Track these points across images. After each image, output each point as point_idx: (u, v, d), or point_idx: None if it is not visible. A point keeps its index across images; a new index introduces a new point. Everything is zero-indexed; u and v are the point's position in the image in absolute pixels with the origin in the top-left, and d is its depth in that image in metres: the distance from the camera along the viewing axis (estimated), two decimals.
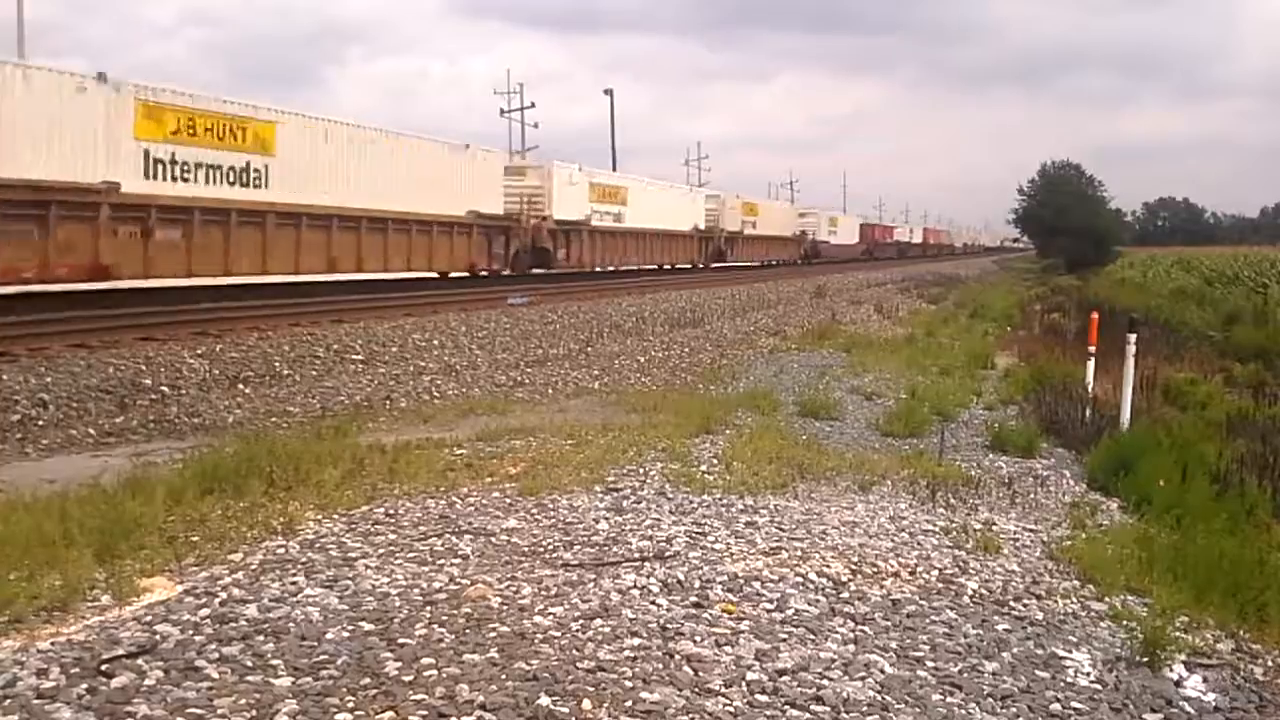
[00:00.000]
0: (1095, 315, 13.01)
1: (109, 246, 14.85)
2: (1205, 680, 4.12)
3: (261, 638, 3.75)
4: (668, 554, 4.97)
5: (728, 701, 3.40)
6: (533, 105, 51.89)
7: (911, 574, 4.97)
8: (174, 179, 15.85)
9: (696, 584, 4.54)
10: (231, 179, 16.79)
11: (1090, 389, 11.52)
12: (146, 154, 15.43)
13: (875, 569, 4.99)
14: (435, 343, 15.45)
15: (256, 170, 17.27)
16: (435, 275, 23.48)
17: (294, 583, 4.38)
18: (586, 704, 3.30)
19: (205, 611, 4.00)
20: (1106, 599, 4.92)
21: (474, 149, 25.04)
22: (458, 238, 23.74)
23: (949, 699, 3.60)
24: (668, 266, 38.67)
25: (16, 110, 13.31)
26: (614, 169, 41.71)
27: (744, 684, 3.54)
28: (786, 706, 3.41)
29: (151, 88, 15.81)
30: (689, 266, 40.65)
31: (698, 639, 3.91)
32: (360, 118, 20.77)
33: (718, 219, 43.65)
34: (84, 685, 3.31)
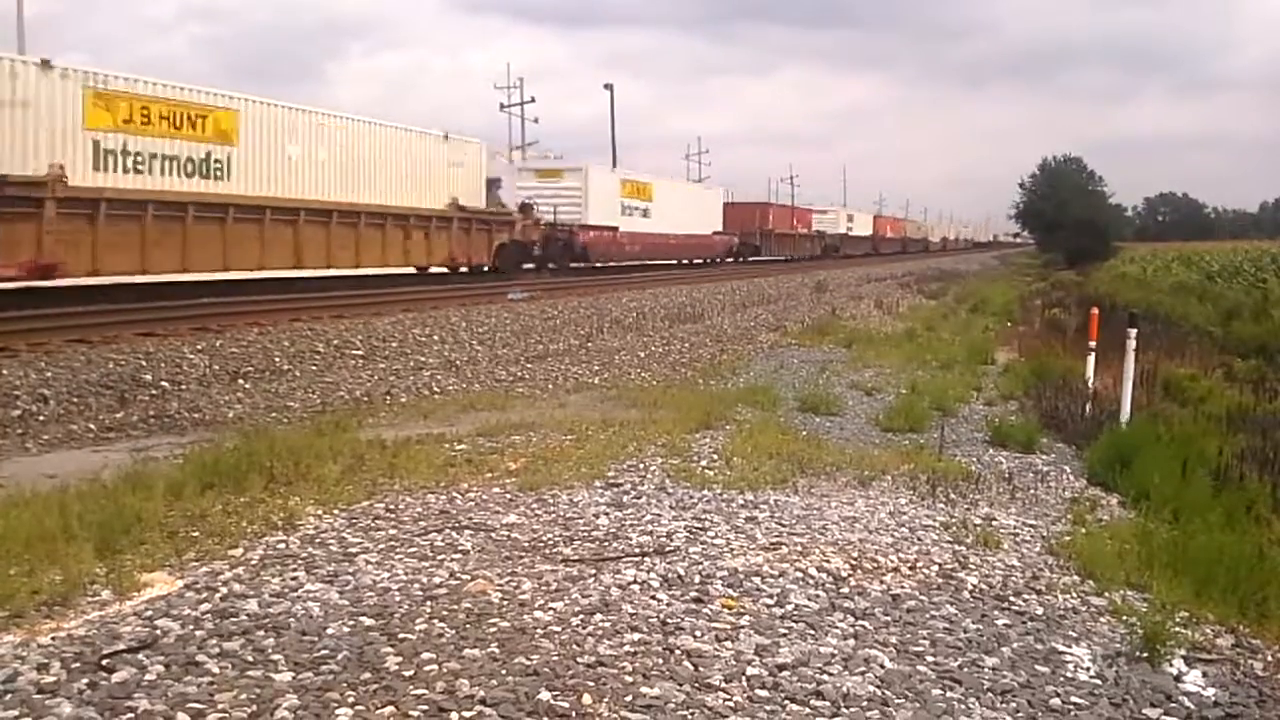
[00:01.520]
0: (1095, 310, 13.00)
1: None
2: (1205, 675, 4.12)
3: (262, 633, 3.76)
4: (668, 549, 4.98)
5: (728, 696, 3.40)
6: (533, 100, 51.75)
7: (911, 569, 4.98)
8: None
9: (697, 579, 4.55)
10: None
11: (1090, 384, 11.51)
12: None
13: (875, 564, 4.99)
14: (436, 338, 15.44)
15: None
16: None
17: (294, 578, 4.39)
18: (586, 699, 3.31)
19: (206, 606, 4.01)
20: (1106, 594, 4.92)
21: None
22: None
23: (949, 694, 3.60)
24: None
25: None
26: (614, 165, 41.71)
27: (744, 679, 3.55)
28: (786, 701, 3.41)
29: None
30: None
31: (698, 634, 3.91)
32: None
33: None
34: (84, 680, 3.31)
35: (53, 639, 3.66)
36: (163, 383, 10.93)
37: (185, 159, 17.44)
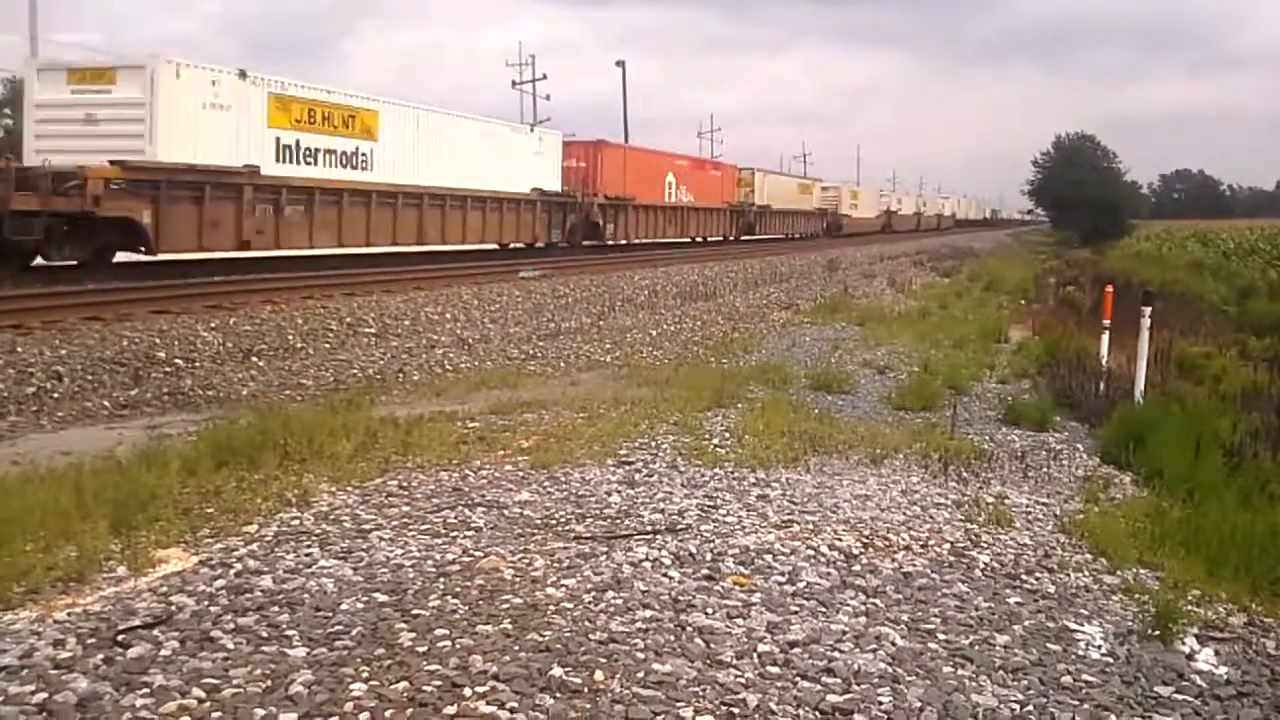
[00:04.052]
0: (1110, 289, 12.92)
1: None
2: (1217, 653, 4.11)
3: (277, 608, 3.79)
4: (679, 527, 4.99)
5: (739, 673, 3.41)
6: (544, 77, 51.33)
7: (923, 547, 4.97)
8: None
9: (708, 557, 4.56)
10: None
11: (1104, 362, 11.45)
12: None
13: (887, 542, 4.99)
14: (448, 316, 15.46)
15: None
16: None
17: (308, 554, 4.42)
18: (599, 675, 3.32)
19: (221, 583, 4.04)
20: (1119, 572, 4.91)
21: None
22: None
23: (960, 671, 3.60)
24: None
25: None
26: (625, 142, 41.53)
27: (755, 656, 3.56)
28: (798, 678, 3.42)
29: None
30: None
31: (709, 611, 3.92)
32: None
33: None
34: (100, 656, 3.35)
35: (69, 615, 3.69)
36: (177, 360, 10.97)
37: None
